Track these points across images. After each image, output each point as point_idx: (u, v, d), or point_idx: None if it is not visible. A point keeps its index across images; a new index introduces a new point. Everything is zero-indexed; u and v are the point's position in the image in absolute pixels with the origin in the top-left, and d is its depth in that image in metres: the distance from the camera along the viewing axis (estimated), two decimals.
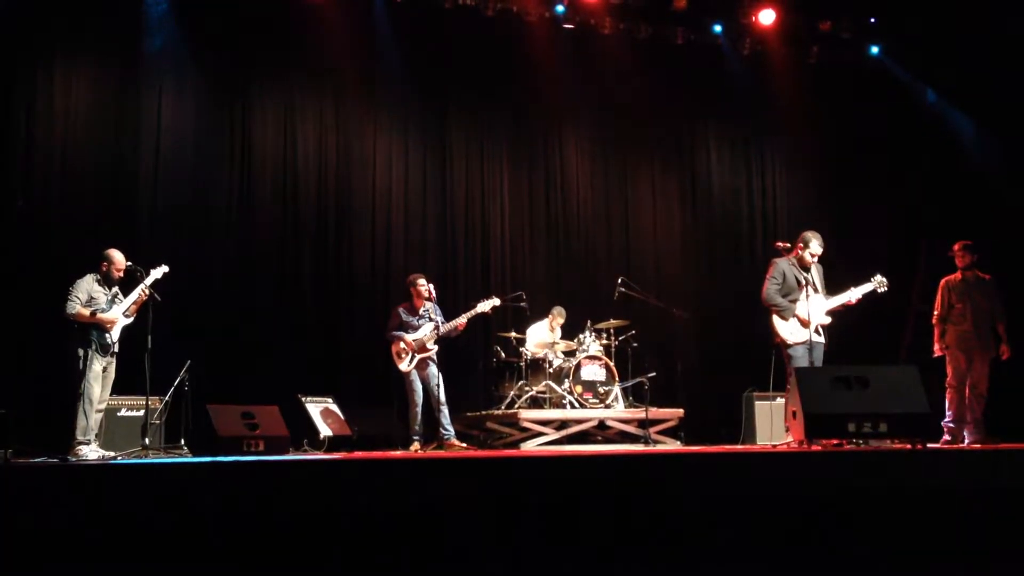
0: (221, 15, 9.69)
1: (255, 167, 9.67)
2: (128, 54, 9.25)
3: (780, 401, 8.59)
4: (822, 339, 7.09)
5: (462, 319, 8.27)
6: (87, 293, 7.00)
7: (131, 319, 7.15)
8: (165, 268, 7.37)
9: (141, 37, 9.27)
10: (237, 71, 9.74)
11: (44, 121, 8.79)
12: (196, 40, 9.56)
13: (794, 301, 7.06)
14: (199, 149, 9.47)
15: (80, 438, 6.73)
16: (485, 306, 8.38)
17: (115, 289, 7.18)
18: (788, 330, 7.05)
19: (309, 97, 10.04)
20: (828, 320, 7.08)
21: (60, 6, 9.00)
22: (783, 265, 7.14)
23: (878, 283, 7.17)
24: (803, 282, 7.05)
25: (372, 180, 10.22)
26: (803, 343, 6.99)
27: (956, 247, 7.80)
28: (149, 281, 7.14)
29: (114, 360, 7.08)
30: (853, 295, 7.15)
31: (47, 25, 8.90)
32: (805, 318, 6.97)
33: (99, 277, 7.12)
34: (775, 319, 7.11)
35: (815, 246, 7.11)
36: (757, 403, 8.99)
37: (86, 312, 6.91)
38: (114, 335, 6.99)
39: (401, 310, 8.30)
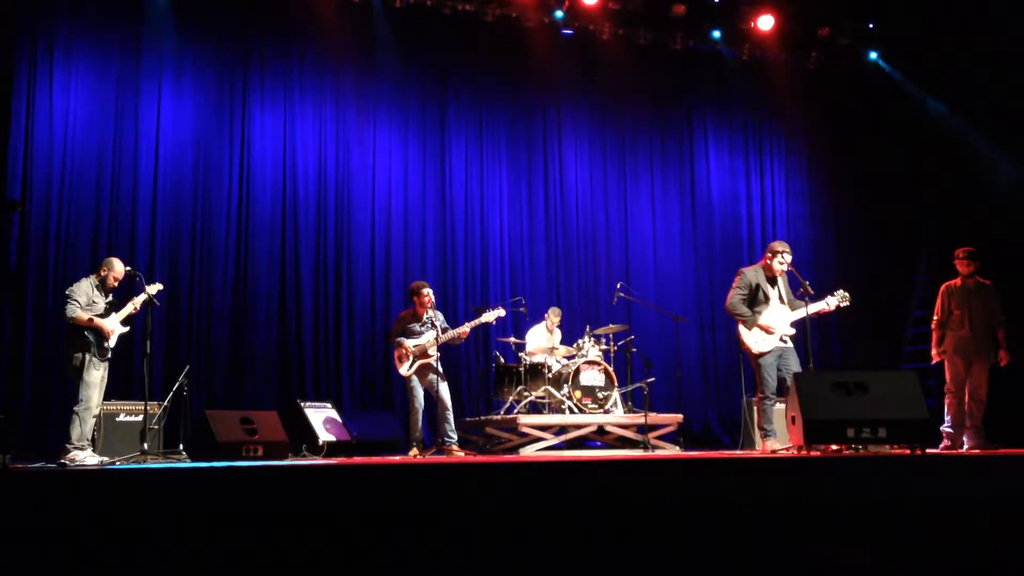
0: (221, 16, 9.73)
1: (254, 171, 9.68)
2: (128, 54, 9.26)
3: (779, 407, 8.59)
4: (790, 345, 7.11)
5: (465, 328, 8.26)
6: (86, 296, 6.91)
7: (126, 328, 7.12)
8: (159, 286, 7.32)
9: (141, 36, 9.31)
10: (237, 74, 9.75)
11: (43, 122, 8.79)
12: (196, 41, 9.58)
13: (759, 312, 7.11)
14: (198, 152, 9.47)
15: (78, 443, 6.71)
16: (490, 316, 8.39)
17: (111, 296, 7.13)
18: (753, 339, 7.09)
19: (309, 101, 10.05)
20: (792, 331, 7.10)
21: (60, 5, 9.02)
22: (749, 275, 7.18)
23: (841, 297, 7.22)
24: (769, 294, 7.13)
25: (371, 184, 10.22)
26: (770, 352, 7.04)
27: (958, 253, 7.79)
28: (141, 299, 7.05)
29: (107, 365, 7.03)
30: (818, 307, 7.16)
31: (46, 24, 8.91)
32: (766, 325, 7.02)
33: (97, 283, 7.04)
34: (740, 328, 7.17)
35: (783, 256, 7.16)
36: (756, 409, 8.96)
37: (86, 316, 6.83)
38: (112, 341, 6.95)
39: (405, 316, 8.32)
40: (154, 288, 7.20)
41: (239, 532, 3.95)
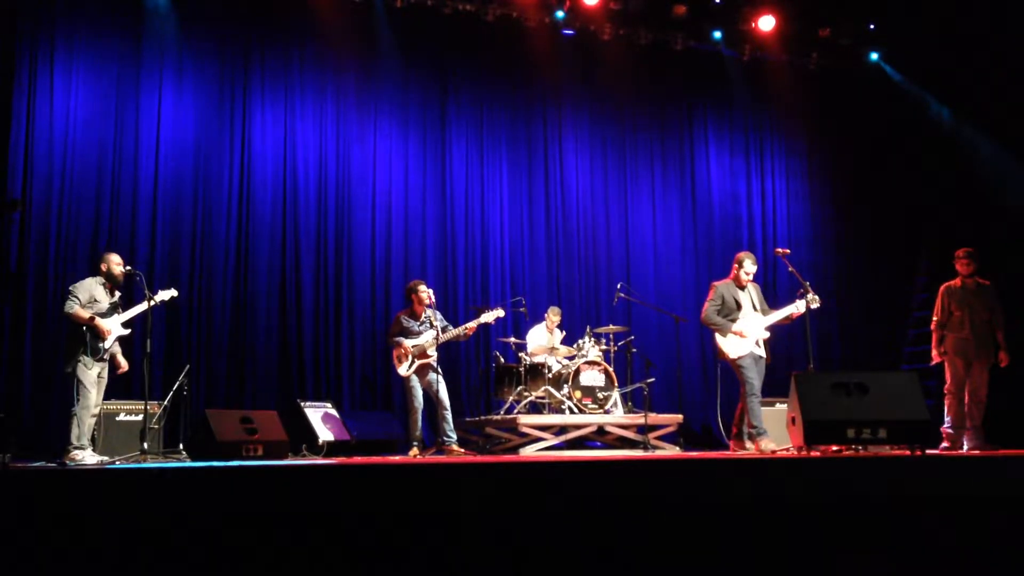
0: (221, 16, 9.72)
1: (255, 171, 9.67)
2: (128, 53, 9.25)
3: (779, 407, 8.62)
4: (763, 353, 7.45)
5: (472, 324, 8.26)
6: (88, 294, 6.94)
7: (127, 331, 7.12)
8: (174, 292, 7.46)
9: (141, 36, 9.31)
10: (237, 74, 9.74)
11: (43, 121, 8.78)
12: (196, 40, 9.58)
13: (734, 320, 7.45)
14: (199, 152, 9.47)
15: (76, 443, 6.71)
16: (489, 317, 8.38)
17: (117, 296, 7.14)
18: (729, 345, 7.41)
19: (309, 101, 10.05)
20: (767, 335, 7.48)
21: (60, 5, 9.01)
22: (721, 289, 7.58)
23: (810, 299, 7.39)
24: (741, 302, 7.47)
25: (372, 184, 10.22)
26: (748, 355, 7.37)
27: (958, 254, 7.81)
28: (149, 304, 7.05)
29: (107, 365, 7.04)
30: (790, 311, 7.48)
31: (47, 24, 8.90)
32: (739, 331, 7.36)
33: (102, 280, 7.07)
34: (717, 337, 7.50)
35: (748, 265, 7.55)
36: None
37: (84, 313, 6.84)
38: (107, 343, 6.94)
39: (403, 316, 8.29)
40: (167, 294, 7.35)
41: (239, 532, 3.95)
